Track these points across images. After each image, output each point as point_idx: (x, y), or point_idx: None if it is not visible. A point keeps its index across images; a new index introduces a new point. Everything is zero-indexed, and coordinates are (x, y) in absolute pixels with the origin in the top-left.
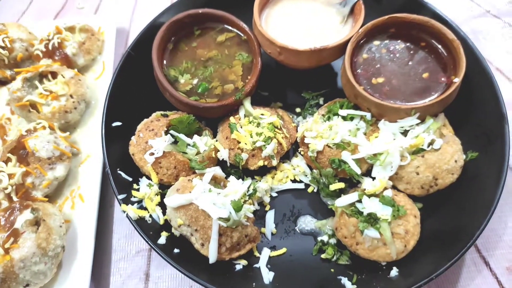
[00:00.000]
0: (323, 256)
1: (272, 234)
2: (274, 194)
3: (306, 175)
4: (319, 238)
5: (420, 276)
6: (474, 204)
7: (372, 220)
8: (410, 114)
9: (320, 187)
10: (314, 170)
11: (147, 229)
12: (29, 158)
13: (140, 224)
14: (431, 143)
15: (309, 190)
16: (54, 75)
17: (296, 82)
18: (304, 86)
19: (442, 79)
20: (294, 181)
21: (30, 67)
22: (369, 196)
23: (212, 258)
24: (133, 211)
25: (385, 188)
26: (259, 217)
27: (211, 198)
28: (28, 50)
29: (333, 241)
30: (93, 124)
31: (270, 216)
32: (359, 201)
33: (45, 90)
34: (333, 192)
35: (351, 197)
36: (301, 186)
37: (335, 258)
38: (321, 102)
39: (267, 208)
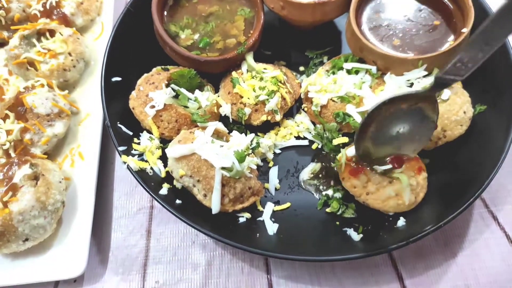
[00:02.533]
0: (328, 210)
1: (275, 189)
2: (278, 151)
3: (310, 132)
4: (323, 193)
5: (427, 225)
6: (482, 156)
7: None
8: (417, 66)
9: (323, 143)
10: (318, 126)
11: (149, 180)
12: (28, 115)
13: (141, 175)
14: (439, 94)
15: (313, 146)
16: (52, 33)
17: (300, 41)
18: (307, 45)
19: (450, 30)
20: (298, 138)
21: (27, 25)
22: None
23: (215, 208)
24: (134, 162)
25: None
26: (262, 173)
27: (213, 149)
28: (25, 11)
29: (338, 195)
30: (92, 83)
31: (273, 172)
32: None
33: (43, 48)
34: (337, 146)
35: None
36: (305, 142)
37: (340, 211)
38: (325, 60)
39: (271, 164)
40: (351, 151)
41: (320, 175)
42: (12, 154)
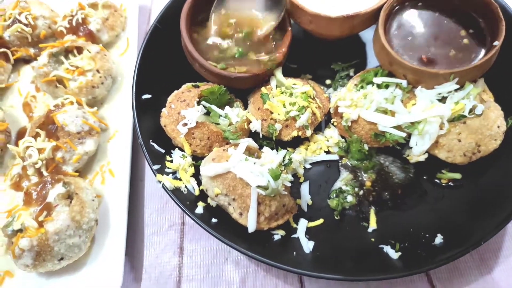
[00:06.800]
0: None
1: (308, 205)
2: (308, 166)
3: (340, 146)
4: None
5: (464, 242)
6: None
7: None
8: (448, 80)
9: (349, 157)
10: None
11: (184, 199)
12: (58, 133)
13: (176, 194)
14: (472, 109)
15: (343, 161)
16: (79, 50)
17: (325, 54)
18: (333, 58)
19: (481, 43)
20: (327, 152)
21: (55, 42)
22: None
23: (251, 227)
24: (169, 181)
25: None
26: (293, 189)
27: (248, 167)
28: (51, 28)
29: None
30: (120, 99)
31: (305, 187)
32: None
33: (71, 65)
34: (360, 155)
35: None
36: (335, 157)
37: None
38: (351, 73)
39: (301, 179)
40: None
41: (350, 186)
42: (44, 173)
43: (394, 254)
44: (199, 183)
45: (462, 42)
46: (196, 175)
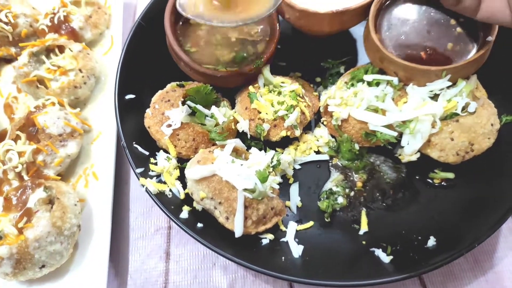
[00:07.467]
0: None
1: (297, 207)
2: (298, 167)
3: (330, 146)
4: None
5: (458, 244)
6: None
7: None
8: (440, 77)
9: (339, 157)
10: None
11: (168, 203)
12: (39, 135)
13: (161, 198)
14: (465, 107)
15: (334, 161)
16: (61, 49)
17: (314, 51)
18: (323, 55)
19: (473, 38)
20: (318, 152)
21: (36, 41)
22: None
23: (238, 231)
24: (153, 185)
25: None
26: (282, 190)
27: (235, 169)
28: (32, 26)
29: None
30: (103, 100)
31: (294, 189)
32: None
33: (53, 65)
34: (351, 155)
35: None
36: (325, 157)
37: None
38: (342, 70)
39: (291, 181)
40: None
41: (340, 187)
42: (25, 177)
43: (385, 258)
44: (184, 186)
45: (455, 37)
46: (182, 178)
